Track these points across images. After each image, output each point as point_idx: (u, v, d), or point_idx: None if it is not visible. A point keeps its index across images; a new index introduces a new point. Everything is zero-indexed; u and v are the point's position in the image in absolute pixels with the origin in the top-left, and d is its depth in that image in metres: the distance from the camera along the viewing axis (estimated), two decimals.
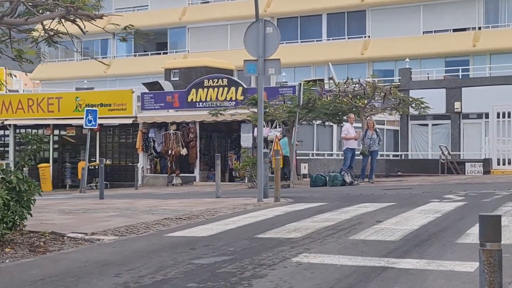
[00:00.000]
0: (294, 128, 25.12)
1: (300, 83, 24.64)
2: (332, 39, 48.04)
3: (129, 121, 33.41)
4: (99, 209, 13.15)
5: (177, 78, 39.14)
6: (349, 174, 23.37)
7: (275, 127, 29.48)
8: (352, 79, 26.21)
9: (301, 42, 48.89)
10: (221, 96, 31.90)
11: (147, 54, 55.16)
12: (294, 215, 11.03)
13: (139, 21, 54.76)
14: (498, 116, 28.54)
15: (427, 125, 38.40)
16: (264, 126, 30.23)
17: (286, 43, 49.09)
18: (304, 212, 11.39)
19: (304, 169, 30.82)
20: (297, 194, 17.18)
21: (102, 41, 57.51)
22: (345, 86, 26.10)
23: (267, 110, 25.61)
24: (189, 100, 32.55)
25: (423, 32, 45.29)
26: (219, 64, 39.37)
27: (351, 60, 46.73)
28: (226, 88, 31.91)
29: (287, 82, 36.51)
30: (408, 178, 27.47)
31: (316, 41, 48.55)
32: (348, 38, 47.66)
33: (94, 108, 28.62)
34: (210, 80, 32.45)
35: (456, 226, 9.11)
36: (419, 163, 34.50)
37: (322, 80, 32.75)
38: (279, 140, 28.36)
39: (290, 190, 20.56)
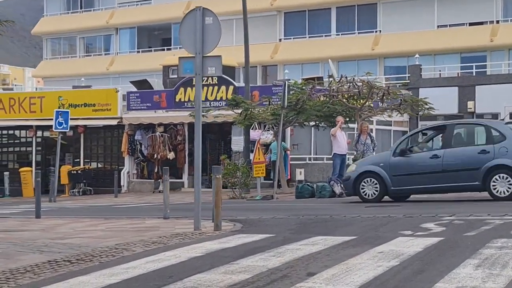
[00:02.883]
0: (278, 131, 22.62)
1: (285, 82, 22.15)
2: (341, 34, 45.41)
3: (114, 122, 31.16)
4: None
5: (176, 76, 36.61)
6: (338, 184, 20.85)
7: (268, 130, 27.02)
8: (346, 77, 23.64)
9: (309, 37, 46.30)
10: (211, 95, 29.53)
11: (151, 50, 52.83)
12: (214, 257, 8.59)
13: (143, 16, 52.91)
14: (510, 117, 25.87)
15: None
16: (256, 128, 28.09)
17: (293, 38, 46.69)
18: (231, 252, 8.96)
19: (300, 175, 28.28)
20: (258, 214, 14.72)
21: (104, 37, 55.35)
22: (338, 85, 23.52)
23: (249, 111, 23.17)
24: (177, 99, 30.21)
25: (438, 27, 42.50)
26: None
27: (361, 56, 44.11)
28: (216, 87, 29.55)
29: (289, 79, 33.93)
30: None
31: (325, 36, 45.95)
32: (358, 33, 44.98)
33: (65, 110, 26.40)
34: None
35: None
36: None
37: (321, 78, 30.19)
38: (270, 144, 25.95)
39: (263, 206, 18.10)
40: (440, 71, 39.84)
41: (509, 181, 15.89)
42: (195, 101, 11.71)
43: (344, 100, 23.85)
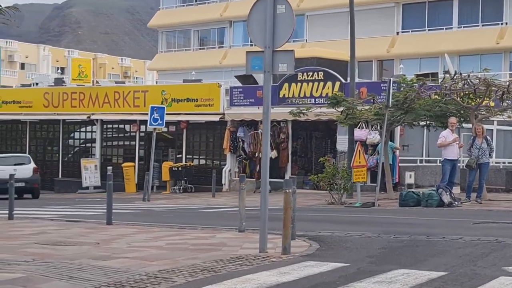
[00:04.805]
0: (382, 133, 20.71)
1: (390, 79, 20.18)
2: (463, 27, 42.54)
3: (216, 118, 30.02)
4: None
5: (285, 70, 35.13)
6: (447, 193, 18.78)
7: (376, 129, 25.11)
8: (461, 74, 21.39)
9: (429, 30, 43.66)
10: (316, 91, 27.83)
11: None
12: None
13: None
14: None
15: None
16: (362, 127, 26.22)
17: (411, 31, 44.22)
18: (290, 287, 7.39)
19: (410, 178, 26.25)
20: (347, 228, 13.01)
21: (218, 30, 54.53)
22: (452, 82, 21.30)
23: (350, 111, 21.36)
24: (281, 95, 28.68)
25: None
26: (331, 54, 34.86)
27: (485, 51, 41.18)
28: (322, 83, 27.83)
29: (405, 75, 31.74)
30: None
31: (446, 29, 43.18)
32: (482, 25, 41.97)
33: (161, 105, 25.36)
34: (305, 74, 28.43)
35: None
36: None
37: (436, 75, 27.87)
38: (378, 144, 24.07)
39: (359, 216, 16.34)
40: None
41: None
42: (264, 101, 10.20)
43: (459, 99, 21.62)
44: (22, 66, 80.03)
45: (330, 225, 14.03)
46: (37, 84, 44.70)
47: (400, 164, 25.89)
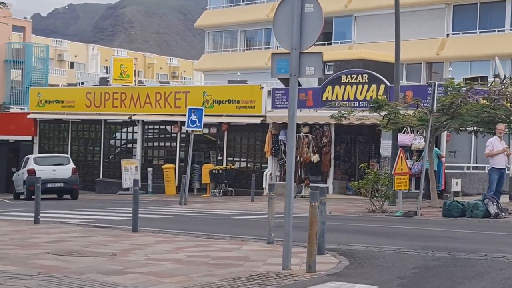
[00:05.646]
0: (426, 139, 19.83)
1: (434, 83, 19.26)
2: None
3: (258, 120, 29.40)
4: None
5: (332, 72, 34.28)
6: (494, 203, 17.81)
7: (421, 134, 24.18)
8: (510, 78, 20.38)
9: (480, 32, 42.31)
10: (360, 94, 27.00)
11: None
12: None
13: None
14: None
15: None
16: (407, 132, 25.30)
17: (462, 33, 42.95)
18: None
19: (456, 185, 25.25)
20: (383, 241, 12.25)
21: (265, 31, 53.88)
22: (501, 87, 20.30)
23: (393, 115, 20.50)
24: (324, 98, 27.94)
25: None
26: (378, 56, 33.95)
27: None
28: (366, 86, 27.00)
29: (453, 78, 30.66)
30: None
31: (498, 31, 41.81)
32: None
33: (199, 107, 24.84)
34: (349, 76, 27.63)
35: None
36: None
37: (486, 78, 26.74)
38: (423, 150, 23.12)
39: (398, 227, 15.51)
40: None
41: None
42: (289, 107, 9.50)
43: (508, 104, 20.60)
44: (72, 65, 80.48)
45: (366, 237, 13.28)
46: (82, 83, 44.68)
47: (446, 171, 24.92)
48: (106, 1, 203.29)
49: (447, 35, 43.41)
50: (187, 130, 31.75)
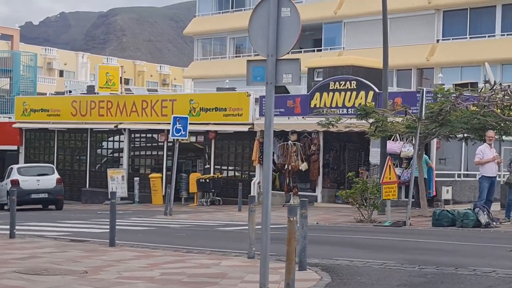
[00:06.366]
0: (414, 146, 19.41)
1: (423, 89, 18.86)
2: (507, 35, 40.81)
3: (245, 128, 28.96)
4: None
5: (321, 78, 33.87)
6: (485, 213, 17.40)
7: (411, 141, 23.75)
8: (500, 84, 20.00)
9: (470, 38, 42.02)
10: (349, 101, 26.60)
11: (301, 51, 50.25)
12: None
13: None
14: None
15: None
16: (396, 140, 24.87)
17: (452, 39, 42.64)
18: None
19: (447, 193, 24.90)
20: (369, 254, 11.78)
21: None
22: (491, 93, 19.89)
23: (380, 123, 20.07)
24: (312, 105, 27.52)
25: None
26: (368, 63, 33.50)
27: None
28: (354, 92, 26.60)
29: (443, 84, 30.26)
30: None
31: (488, 36, 41.52)
32: None
33: (184, 115, 24.38)
34: (337, 83, 27.24)
35: None
36: None
37: (476, 84, 26.37)
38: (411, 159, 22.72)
39: (386, 239, 15.06)
40: None
41: None
42: (266, 115, 8.99)
43: (499, 110, 20.20)
44: (61, 73, 79.93)
45: (352, 250, 12.82)
46: (70, 92, 44.17)
47: (437, 179, 24.49)
48: (98, 9, 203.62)
49: (437, 40, 43.13)
50: (173, 139, 31.36)
